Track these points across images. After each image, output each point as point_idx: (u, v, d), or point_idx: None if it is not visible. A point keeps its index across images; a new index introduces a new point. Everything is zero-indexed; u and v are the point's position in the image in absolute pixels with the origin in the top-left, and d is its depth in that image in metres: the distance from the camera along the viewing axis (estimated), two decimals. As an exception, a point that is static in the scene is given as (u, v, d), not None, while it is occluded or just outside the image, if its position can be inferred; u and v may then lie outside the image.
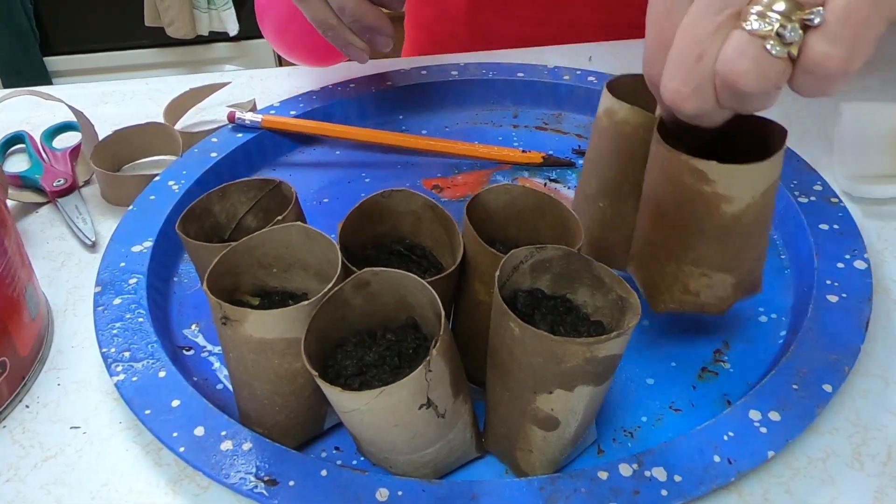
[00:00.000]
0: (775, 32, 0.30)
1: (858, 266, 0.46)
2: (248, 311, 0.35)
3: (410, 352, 0.36)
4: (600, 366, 0.34)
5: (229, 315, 0.35)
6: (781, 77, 0.31)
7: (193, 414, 0.39)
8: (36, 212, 0.58)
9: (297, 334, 0.35)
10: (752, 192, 0.36)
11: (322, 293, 0.35)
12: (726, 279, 0.39)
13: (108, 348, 0.43)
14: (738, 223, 0.37)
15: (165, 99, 0.65)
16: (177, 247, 0.53)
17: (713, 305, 0.40)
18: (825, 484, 0.38)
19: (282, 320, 0.35)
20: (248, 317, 0.35)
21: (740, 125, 0.37)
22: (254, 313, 0.35)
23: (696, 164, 0.35)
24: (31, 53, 2.08)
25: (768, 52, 0.30)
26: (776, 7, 0.30)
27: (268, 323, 0.35)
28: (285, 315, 0.35)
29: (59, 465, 0.41)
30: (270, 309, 0.35)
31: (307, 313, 0.35)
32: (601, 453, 0.40)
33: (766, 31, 0.30)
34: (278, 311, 0.35)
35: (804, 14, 0.30)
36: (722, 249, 0.38)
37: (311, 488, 0.36)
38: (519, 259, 0.36)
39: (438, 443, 0.36)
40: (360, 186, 0.58)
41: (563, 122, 0.64)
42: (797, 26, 0.30)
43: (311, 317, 0.35)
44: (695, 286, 0.40)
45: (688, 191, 0.37)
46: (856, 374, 0.43)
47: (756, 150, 0.38)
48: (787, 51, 0.30)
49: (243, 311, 0.35)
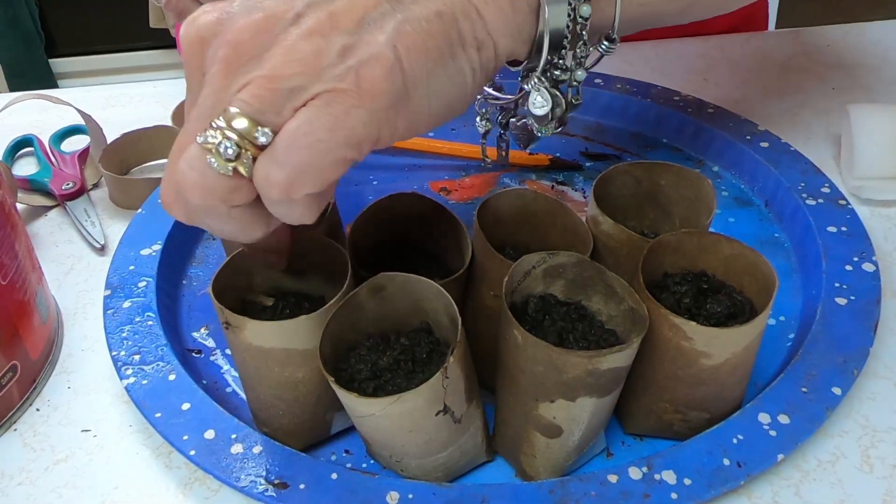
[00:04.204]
0: (216, 148, 0.29)
1: (867, 268, 0.46)
2: (245, 319, 0.35)
3: (424, 356, 0.36)
4: (603, 378, 0.34)
5: (230, 321, 0.35)
6: (230, 194, 0.30)
7: (203, 417, 0.39)
8: (45, 215, 0.58)
9: (297, 345, 0.35)
10: (732, 349, 0.36)
11: (324, 308, 0.35)
12: (702, 416, 0.39)
13: (117, 351, 0.43)
14: (716, 373, 0.37)
15: (173, 102, 0.65)
16: (186, 250, 0.53)
17: (686, 435, 0.39)
18: (834, 487, 0.38)
19: (279, 331, 0.35)
20: (245, 325, 0.35)
21: (737, 260, 0.38)
22: (251, 322, 0.35)
23: (676, 320, 0.35)
24: (36, 55, 2.09)
25: (210, 165, 0.29)
26: (236, 124, 0.29)
27: (265, 333, 0.35)
28: (283, 327, 0.35)
29: (70, 469, 0.41)
30: (283, 310, 0.35)
31: (306, 326, 0.35)
32: (610, 456, 0.40)
33: (210, 144, 0.29)
34: (275, 323, 0.35)
35: (254, 133, 0.29)
36: (699, 394, 0.37)
37: (322, 491, 0.36)
38: (531, 264, 0.36)
39: (451, 447, 0.36)
40: (367, 189, 0.59)
41: (570, 124, 0.64)
42: (247, 144, 0.29)
43: (310, 329, 0.35)
44: (669, 419, 0.39)
45: (666, 341, 0.36)
46: (865, 377, 0.43)
47: (752, 287, 0.38)
48: (232, 167, 0.29)
49: (242, 318, 0.35)
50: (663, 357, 0.36)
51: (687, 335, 0.35)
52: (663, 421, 0.39)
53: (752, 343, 0.36)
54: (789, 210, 0.52)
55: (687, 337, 0.35)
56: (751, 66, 0.71)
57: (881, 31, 0.75)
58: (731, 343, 0.35)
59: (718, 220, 0.54)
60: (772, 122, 0.61)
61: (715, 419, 0.38)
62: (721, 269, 0.39)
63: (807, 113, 0.64)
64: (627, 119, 0.63)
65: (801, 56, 0.72)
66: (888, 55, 0.71)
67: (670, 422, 0.39)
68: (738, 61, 0.71)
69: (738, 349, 0.36)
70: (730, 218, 0.54)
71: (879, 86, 0.67)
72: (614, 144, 0.62)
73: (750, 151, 0.56)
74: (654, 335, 0.36)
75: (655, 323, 0.35)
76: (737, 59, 0.72)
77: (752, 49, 0.73)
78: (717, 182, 0.57)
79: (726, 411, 0.39)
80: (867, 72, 0.69)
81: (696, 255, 0.39)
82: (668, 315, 0.35)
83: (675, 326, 0.35)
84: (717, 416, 0.39)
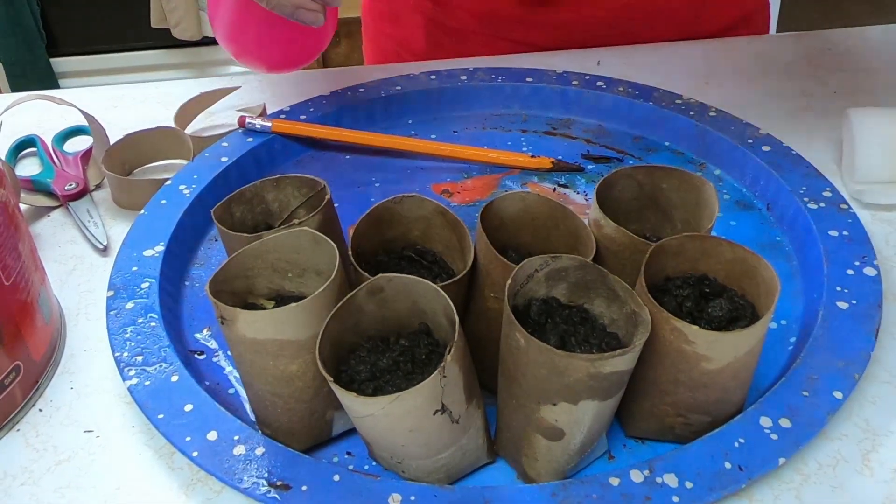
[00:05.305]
0: None
1: (868, 273, 0.46)
2: (238, 310, 0.35)
3: (423, 357, 0.36)
4: (605, 381, 0.34)
5: (224, 314, 0.36)
6: None
7: (206, 418, 0.40)
8: (48, 216, 0.58)
9: (290, 336, 0.35)
10: (733, 353, 0.36)
11: (310, 297, 0.35)
12: (703, 419, 0.39)
13: (120, 352, 0.43)
14: (718, 377, 0.37)
15: (176, 103, 0.65)
16: (188, 251, 0.53)
17: (688, 438, 0.39)
18: (835, 490, 0.38)
19: (271, 321, 0.35)
20: (238, 316, 0.35)
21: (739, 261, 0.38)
22: (244, 313, 0.35)
23: (677, 324, 0.35)
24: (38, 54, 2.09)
25: None
26: None
27: (258, 323, 0.35)
28: (274, 316, 0.35)
29: (73, 469, 0.41)
30: None
31: (297, 315, 0.35)
32: (612, 459, 0.40)
33: None
34: (267, 312, 0.35)
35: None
36: (700, 397, 0.38)
37: (324, 493, 0.36)
38: (534, 268, 0.37)
39: (451, 448, 0.36)
40: (370, 191, 0.59)
41: (572, 126, 0.64)
42: None
43: (301, 318, 0.35)
44: (671, 423, 0.39)
45: (667, 345, 0.36)
46: (865, 381, 0.43)
47: (751, 290, 0.38)
48: None
49: (235, 310, 0.35)
50: (665, 361, 0.36)
51: (688, 339, 0.35)
52: (665, 424, 0.39)
53: (754, 347, 0.36)
54: (791, 214, 0.52)
55: (688, 341, 0.35)
56: (752, 69, 0.71)
57: (882, 35, 0.75)
58: (732, 347, 0.36)
59: (720, 223, 0.54)
60: (773, 125, 0.61)
61: (716, 422, 0.39)
62: (723, 272, 0.39)
63: (808, 117, 0.64)
64: (629, 122, 0.63)
65: (802, 60, 0.72)
66: (889, 59, 0.71)
67: (672, 425, 0.39)
68: (739, 65, 0.71)
69: (740, 353, 0.36)
70: (731, 221, 0.54)
71: (881, 90, 0.67)
72: (616, 147, 0.62)
73: (752, 155, 0.56)
74: (655, 339, 0.36)
75: (657, 326, 0.35)
76: (739, 62, 0.72)
77: (753, 52, 0.73)
78: (719, 185, 0.57)
79: (728, 415, 0.39)
80: (868, 76, 0.69)
81: (698, 259, 0.39)
82: (670, 318, 0.35)
83: (677, 330, 0.35)
84: (719, 420, 0.39)
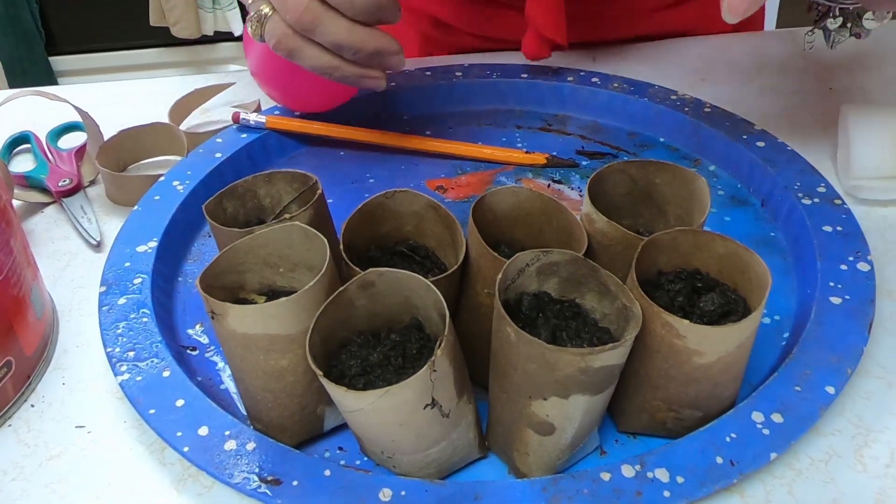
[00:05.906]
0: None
1: (862, 268, 0.46)
2: (228, 305, 0.35)
3: (414, 352, 0.36)
4: (596, 376, 0.34)
5: (214, 309, 0.36)
6: None
7: (197, 414, 0.39)
8: (41, 212, 0.58)
9: (280, 331, 0.35)
10: (724, 348, 0.36)
11: (301, 291, 0.35)
12: (695, 414, 0.39)
13: (112, 348, 0.43)
14: (709, 371, 0.36)
15: (170, 99, 0.65)
16: (181, 247, 0.53)
17: (679, 433, 0.38)
18: (827, 485, 0.38)
19: (261, 316, 0.35)
20: (229, 311, 0.35)
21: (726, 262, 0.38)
22: (234, 308, 0.35)
23: (668, 318, 0.35)
24: (37, 53, 2.09)
25: None
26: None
27: (247, 318, 0.35)
28: (263, 311, 0.35)
29: (64, 465, 0.41)
30: None
31: (287, 310, 0.35)
32: (604, 454, 0.40)
33: None
34: (257, 307, 0.35)
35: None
36: (692, 392, 0.37)
37: (315, 488, 0.36)
38: (525, 262, 0.36)
39: (442, 443, 0.36)
40: (364, 187, 0.59)
41: (567, 123, 0.64)
42: None
43: (291, 312, 0.35)
44: (662, 417, 0.39)
45: (659, 339, 0.36)
46: (858, 376, 0.43)
47: (742, 283, 0.38)
48: None
49: (225, 305, 0.35)
50: (656, 355, 0.36)
51: (679, 333, 0.35)
52: (656, 419, 0.39)
53: (746, 342, 0.36)
54: (785, 209, 0.52)
55: (679, 335, 0.35)
56: (748, 65, 0.71)
57: (878, 32, 0.75)
58: (723, 341, 0.35)
59: (714, 218, 0.54)
60: (769, 121, 0.61)
61: (708, 417, 0.38)
62: (715, 267, 0.39)
63: (804, 113, 0.64)
64: (624, 118, 0.63)
65: (798, 56, 0.72)
66: (885, 56, 0.71)
67: (663, 420, 0.39)
68: (735, 61, 0.71)
69: (731, 347, 0.36)
70: (726, 217, 0.54)
71: (876, 86, 0.67)
72: (611, 143, 0.62)
73: (747, 151, 0.56)
74: (646, 333, 0.36)
75: (648, 321, 0.35)
76: (734, 58, 0.72)
77: (749, 49, 0.73)
78: (714, 181, 0.57)
79: (720, 410, 0.39)
80: (864, 72, 0.69)
81: (691, 254, 0.39)
82: (661, 313, 0.35)
83: (668, 324, 0.35)
84: (711, 415, 0.39)
